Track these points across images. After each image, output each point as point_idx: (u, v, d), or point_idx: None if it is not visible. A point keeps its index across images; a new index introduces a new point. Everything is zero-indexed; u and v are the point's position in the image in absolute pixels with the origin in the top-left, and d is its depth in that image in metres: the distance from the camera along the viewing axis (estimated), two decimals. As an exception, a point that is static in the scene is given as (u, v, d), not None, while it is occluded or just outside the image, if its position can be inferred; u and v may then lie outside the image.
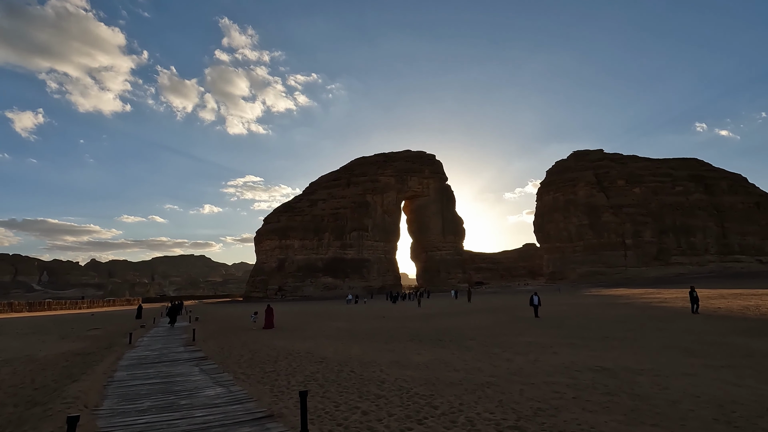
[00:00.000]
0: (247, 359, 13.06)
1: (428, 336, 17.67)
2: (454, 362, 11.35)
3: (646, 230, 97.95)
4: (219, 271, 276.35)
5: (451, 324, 22.59)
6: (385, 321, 26.48)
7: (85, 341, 22.77)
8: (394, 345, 15.37)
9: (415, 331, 19.65)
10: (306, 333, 21.03)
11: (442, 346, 14.51)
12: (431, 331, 19.71)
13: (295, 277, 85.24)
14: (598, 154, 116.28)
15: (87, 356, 16.17)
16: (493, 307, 35.82)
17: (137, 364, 12.34)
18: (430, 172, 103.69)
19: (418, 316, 28.93)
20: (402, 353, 13.28)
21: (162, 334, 23.78)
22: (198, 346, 16.85)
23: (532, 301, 22.92)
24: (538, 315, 22.75)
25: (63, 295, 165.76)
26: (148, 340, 20.24)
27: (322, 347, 15.43)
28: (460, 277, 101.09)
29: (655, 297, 38.36)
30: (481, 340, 15.90)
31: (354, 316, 32.04)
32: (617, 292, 54.45)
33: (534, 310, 22.72)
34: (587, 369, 9.76)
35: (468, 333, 18.19)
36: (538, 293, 23.48)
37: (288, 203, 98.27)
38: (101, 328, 31.14)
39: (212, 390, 8.55)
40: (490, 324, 21.80)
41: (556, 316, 23.58)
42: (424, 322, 24.92)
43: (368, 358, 12.44)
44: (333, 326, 24.32)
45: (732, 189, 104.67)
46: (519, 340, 15.44)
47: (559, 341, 14.66)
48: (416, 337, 17.33)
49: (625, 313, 24.30)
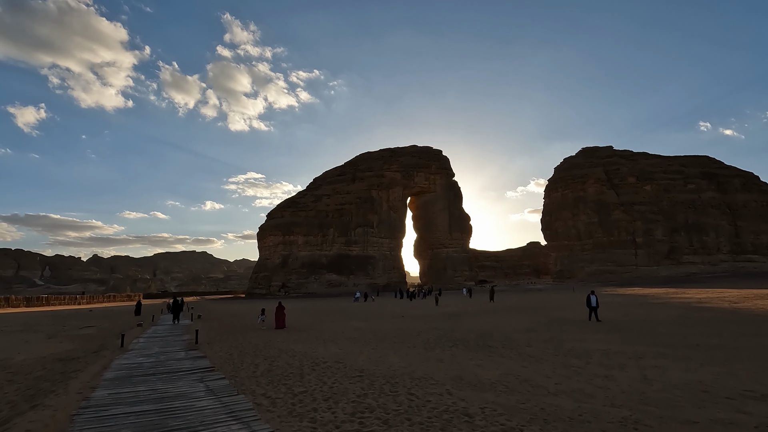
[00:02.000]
0: (265, 371, 10.41)
1: (472, 341, 15.02)
2: (536, 379, 8.74)
3: (657, 228, 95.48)
4: (221, 268, 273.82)
5: (485, 325, 19.95)
6: (406, 321, 23.85)
7: (73, 342, 20.15)
8: (438, 352, 12.73)
9: (450, 334, 17.01)
10: (324, 334, 18.38)
11: (500, 355, 11.87)
12: (468, 333, 17.07)
13: (299, 274, 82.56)
14: (608, 150, 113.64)
15: (69, 362, 13.55)
16: (515, 306, 33.22)
17: (125, 378, 9.69)
18: (437, 168, 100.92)
19: (440, 316, 26.30)
20: (457, 364, 10.63)
21: (161, 333, 21.12)
22: (202, 351, 14.22)
23: (589, 301, 20.06)
24: (599, 318, 20.01)
25: (65, 290, 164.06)
26: (145, 342, 17.59)
27: (351, 354, 12.80)
28: (467, 275, 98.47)
29: (685, 297, 35.75)
30: (539, 346, 13.28)
31: (369, 314, 29.39)
32: (636, 291, 51.79)
33: (591, 312, 19.91)
34: (745, 396, 7.11)
35: (517, 337, 15.55)
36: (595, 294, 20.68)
37: (292, 198, 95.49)
38: (96, 326, 28.54)
39: (227, 430, 5.90)
40: (532, 326, 19.17)
41: (603, 318, 20.96)
42: (452, 322, 22.29)
43: (419, 372, 9.81)
44: (351, 326, 21.68)
45: (745, 187, 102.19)
46: (588, 347, 12.81)
47: (642, 349, 12.03)
48: (459, 342, 14.68)
49: (679, 314, 21.70)
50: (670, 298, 35.25)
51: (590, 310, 19.83)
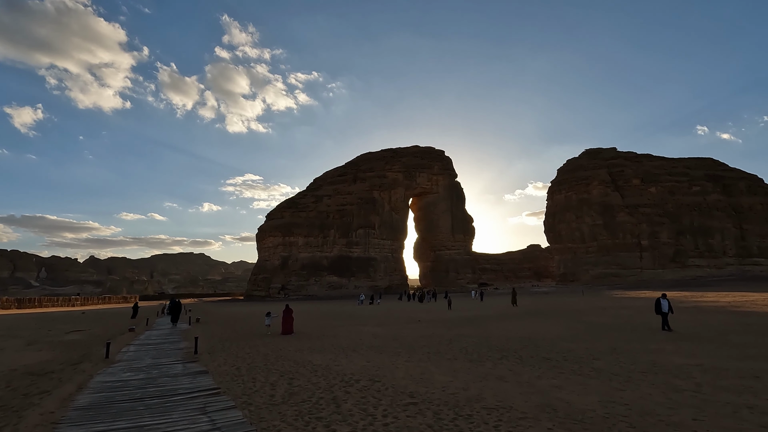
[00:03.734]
0: (285, 394, 8.08)
1: (520, 351, 12.74)
2: (656, 410, 6.51)
3: (662, 231, 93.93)
4: (218, 270, 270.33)
5: (519, 331, 17.65)
6: (425, 326, 21.56)
7: (54, 350, 17.69)
8: (490, 367, 10.46)
9: (487, 342, 14.73)
10: (340, 342, 16.05)
11: (573, 372, 9.60)
12: (508, 342, 14.78)
13: (299, 276, 79.99)
14: (611, 152, 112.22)
15: (40, 379, 11.17)
16: (537, 310, 30.96)
17: (103, 405, 7.35)
18: (440, 168, 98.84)
19: (460, 320, 24.00)
20: (529, 385, 8.36)
21: (155, 340, 18.67)
22: (203, 363, 11.84)
23: (660, 307, 16.91)
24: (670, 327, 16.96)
25: (60, 291, 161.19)
26: (135, 351, 15.19)
27: (384, 368, 10.51)
28: (470, 277, 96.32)
29: (711, 300, 33.69)
30: (608, 360, 11.03)
31: (382, 319, 27.03)
32: (646, 294, 49.70)
33: (663, 320, 16.79)
34: None
35: (570, 347, 13.27)
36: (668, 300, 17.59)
37: (292, 199, 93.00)
38: (85, 330, 26.05)
39: None
40: (573, 333, 16.92)
41: (644, 322, 18.79)
42: (478, 327, 19.99)
43: (487, 397, 7.52)
44: (367, 332, 19.35)
45: (750, 190, 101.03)
46: (672, 361, 10.56)
47: (744, 365, 9.82)
48: (507, 354, 12.38)
49: (727, 319, 19.53)
50: (697, 302, 33.21)
51: (662, 318, 16.87)
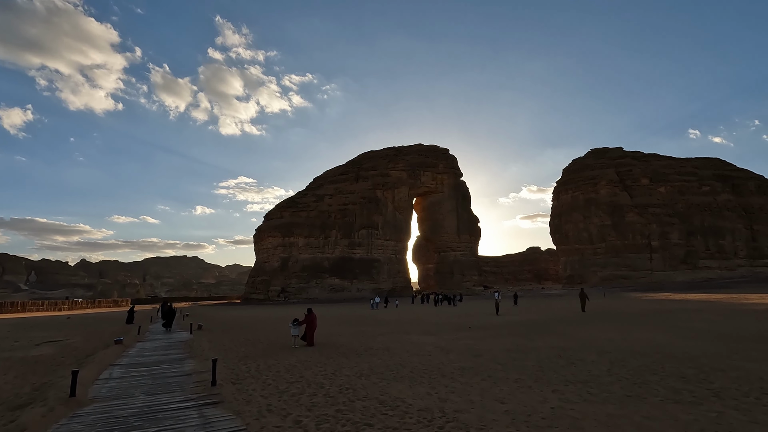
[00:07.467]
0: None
1: (651, 372, 9.56)
2: None
3: (673, 231, 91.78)
4: (212, 273, 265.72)
5: (621, 341, 14.44)
6: (483, 333, 18.27)
7: (6, 374, 12.32)
8: (636, 400, 7.26)
9: (585, 356, 11.52)
10: (403, 359, 12.61)
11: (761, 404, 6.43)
12: (632, 356, 11.59)
13: (299, 278, 76.34)
14: (619, 151, 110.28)
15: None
16: (600, 316, 27.82)
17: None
18: (445, 167, 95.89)
19: (518, 326, 20.73)
20: None
21: (149, 358, 14.43)
22: (233, 410, 7.67)
23: None
24: None
25: (50, 295, 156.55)
26: (120, 379, 10.53)
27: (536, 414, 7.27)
28: (476, 279, 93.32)
29: (747, 302, 30.88)
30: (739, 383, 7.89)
31: (421, 326, 23.60)
32: (670, 296, 46.94)
33: None
34: None
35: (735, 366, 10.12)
36: None
37: (292, 198, 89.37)
38: (62, 339, 21.72)
39: None
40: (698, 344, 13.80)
41: (708, 330, 15.76)
42: (548, 335, 16.72)
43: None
44: (420, 344, 15.94)
45: (760, 190, 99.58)
46: None
47: None
48: (638, 377, 9.19)
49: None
50: (733, 305, 30.36)
51: None
